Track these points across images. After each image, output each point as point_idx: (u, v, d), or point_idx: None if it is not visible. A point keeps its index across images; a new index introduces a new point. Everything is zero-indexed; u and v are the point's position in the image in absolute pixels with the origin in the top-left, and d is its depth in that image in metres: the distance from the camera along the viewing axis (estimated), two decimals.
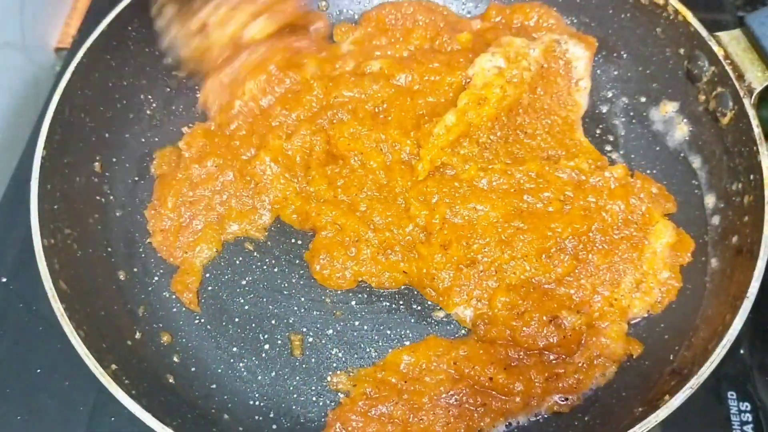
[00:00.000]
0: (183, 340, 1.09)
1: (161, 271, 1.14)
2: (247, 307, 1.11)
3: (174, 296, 1.12)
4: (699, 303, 1.03)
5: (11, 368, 1.10)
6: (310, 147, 1.18)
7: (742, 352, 1.07)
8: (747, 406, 1.03)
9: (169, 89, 1.29)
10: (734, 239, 1.02)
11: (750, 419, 1.02)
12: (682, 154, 1.17)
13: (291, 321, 1.09)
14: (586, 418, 0.99)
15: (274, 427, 1.01)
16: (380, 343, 1.07)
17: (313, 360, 1.06)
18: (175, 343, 1.08)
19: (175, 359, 1.07)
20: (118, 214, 1.17)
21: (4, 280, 1.17)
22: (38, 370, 1.09)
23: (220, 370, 1.06)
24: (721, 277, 1.02)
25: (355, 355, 1.07)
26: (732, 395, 1.04)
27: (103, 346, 0.95)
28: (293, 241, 1.17)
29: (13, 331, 1.13)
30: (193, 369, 1.06)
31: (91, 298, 1.02)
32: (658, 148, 1.21)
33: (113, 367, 0.92)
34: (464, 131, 1.14)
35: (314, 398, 1.04)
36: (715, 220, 1.08)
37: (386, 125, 1.17)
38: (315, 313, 1.10)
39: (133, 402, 0.87)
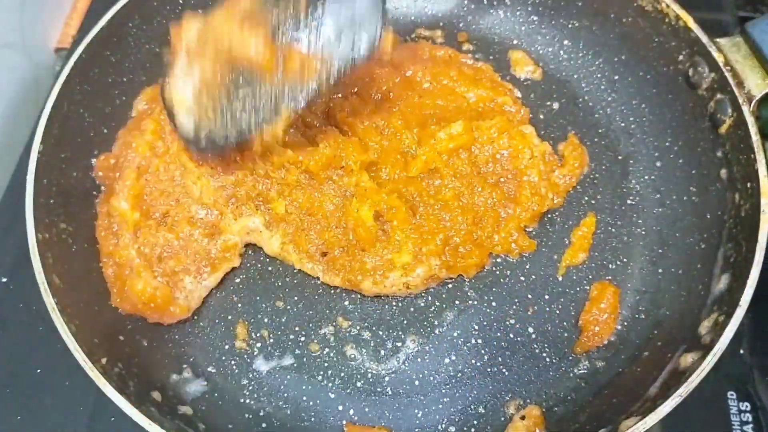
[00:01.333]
0: (175, 337, 1.08)
1: None
2: (239, 306, 1.11)
3: None
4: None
5: (11, 368, 1.09)
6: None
7: (742, 352, 1.07)
8: (747, 406, 1.03)
9: None
10: (729, 246, 1.01)
11: (750, 419, 1.02)
12: (680, 161, 1.17)
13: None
14: (577, 424, 0.99)
15: (264, 425, 1.01)
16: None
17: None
18: None
19: None
20: None
21: (4, 280, 1.17)
22: (38, 370, 1.09)
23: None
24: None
25: None
26: (732, 395, 1.04)
27: (95, 341, 0.95)
28: None
29: (13, 331, 1.13)
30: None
31: (84, 293, 1.02)
32: (657, 154, 1.20)
33: (103, 361, 0.91)
34: (466, 144, 1.13)
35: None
36: (712, 227, 1.07)
37: (390, 115, 1.15)
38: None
39: (122, 398, 0.87)
